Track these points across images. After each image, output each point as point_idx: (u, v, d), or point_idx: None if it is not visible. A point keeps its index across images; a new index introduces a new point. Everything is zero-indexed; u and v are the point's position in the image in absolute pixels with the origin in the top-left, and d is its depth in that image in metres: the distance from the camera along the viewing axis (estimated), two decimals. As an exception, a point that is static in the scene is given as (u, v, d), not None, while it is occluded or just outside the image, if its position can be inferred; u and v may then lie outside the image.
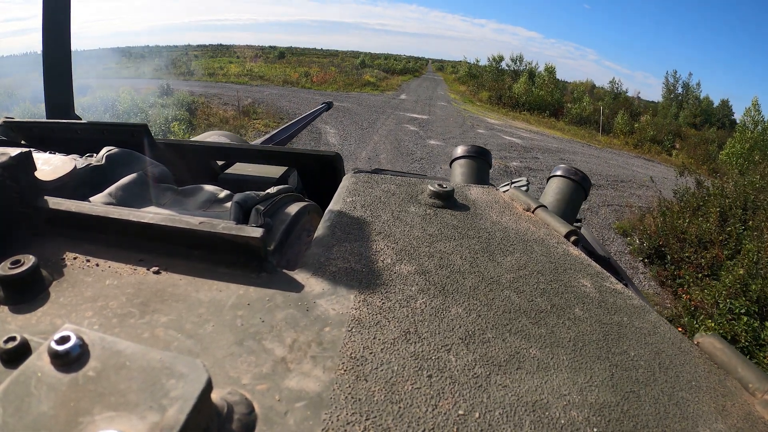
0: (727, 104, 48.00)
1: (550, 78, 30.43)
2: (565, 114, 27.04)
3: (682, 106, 46.77)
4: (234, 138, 2.26)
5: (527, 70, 34.84)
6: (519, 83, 30.07)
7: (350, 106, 19.48)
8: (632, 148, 21.62)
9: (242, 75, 28.74)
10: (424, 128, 16.17)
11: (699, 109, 43.41)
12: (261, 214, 0.80)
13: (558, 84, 31.70)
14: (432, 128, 16.48)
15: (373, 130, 14.71)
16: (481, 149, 1.63)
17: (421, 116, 19.25)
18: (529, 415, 0.52)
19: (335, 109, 13.20)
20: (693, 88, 48.40)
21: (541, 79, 29.96)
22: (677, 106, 47.45)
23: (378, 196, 1.02)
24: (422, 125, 16.82)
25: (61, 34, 1.70)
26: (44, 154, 0.94)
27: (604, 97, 34.22)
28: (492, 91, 31.23)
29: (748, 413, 0.58)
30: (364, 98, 23.75)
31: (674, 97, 52.26)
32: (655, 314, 0.74)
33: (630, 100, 43.09)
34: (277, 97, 20.33)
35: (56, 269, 0.67)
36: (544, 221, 1.02)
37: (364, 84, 31.00)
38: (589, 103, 27.94)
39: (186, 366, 0.39)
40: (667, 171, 14.55)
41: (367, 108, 19.78)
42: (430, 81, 48.83)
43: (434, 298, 0.70)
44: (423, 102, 25.66)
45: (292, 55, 64.15)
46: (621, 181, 11.98)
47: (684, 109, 44.01)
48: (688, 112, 41.54)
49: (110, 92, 13.36)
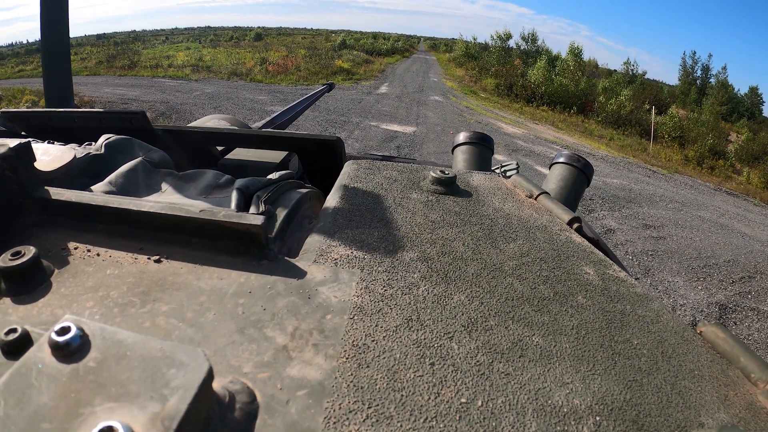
0: (756, 92, 41.82)
1: (577, 64, 23.41)
2: (596, 111, 20.79)
3: (704, 92, 40.49)
4: (234, 122, 2.19)
5: (545, 51, 27.82)
6: (536, 69, 23.25)
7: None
8: (696, 167, 15.92)
9: (187, 66, 23.35)
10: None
11: (726, 97, 37.13)
12: (262, 201, 0.81)
13: (583, 69, 24.52)
14: (420, 158, 9.12)
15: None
16: (483, 135, 1.64)
17: (404, 128, 12.08)
18: (531, 403, 0.52)
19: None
20: (719, 72, 41.98)
21: (565, 65, 23.11)
22: (697, 92, 41.14)
23: (380, 182, 1.02)
24: (404, 151, 9.92)
25: (59, 24, 1.74)
26: (43, 144, 0.94)
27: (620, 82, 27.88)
28: (499, 77, 24.27)
29: (751, 403, 0.58)
30: (325, 98, 15.34)
31: (692, 80, 45.85)
32: (658, 303, 0.73)
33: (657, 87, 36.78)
34: (207, 99, 14.64)
35: (57, 260, 0.67)
36: (547, 208, 1.01)
37: (336, 72, 23.59)
38: (629, 98, 21.53)
39: (187, 355, 0.40)
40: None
41: (321, 116, 12.46)
42: (421, 63, 40.07)
43: (436, 286, 0.69)
44: (410, 97, 17.99)
45: (276, 36, 56.88)
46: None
47: (708, 96, 37.71)
48: (714, 100, 35.28)
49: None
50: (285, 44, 40.11)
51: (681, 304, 5.40)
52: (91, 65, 23.76)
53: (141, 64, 24.05)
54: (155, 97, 14.57)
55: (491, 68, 27.03)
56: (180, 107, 12.99)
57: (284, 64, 24.26)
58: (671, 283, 5.90)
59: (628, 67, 39.96)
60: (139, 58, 25.63)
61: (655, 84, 42.42)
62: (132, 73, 21.78)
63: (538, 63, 24.25)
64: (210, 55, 27.74)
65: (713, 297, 5.64)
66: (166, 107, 12.95)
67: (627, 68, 39.58)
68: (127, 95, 14.77)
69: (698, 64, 44.49)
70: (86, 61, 24.78)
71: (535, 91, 22.09)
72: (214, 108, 13.16)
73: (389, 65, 32.88)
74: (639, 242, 7.03)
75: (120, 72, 22.00)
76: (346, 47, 38.96)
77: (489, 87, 24.17)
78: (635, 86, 30.10)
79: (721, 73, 40.82)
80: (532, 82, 22.46)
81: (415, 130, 12.04)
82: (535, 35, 31.83)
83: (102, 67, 23.02)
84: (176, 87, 17.20)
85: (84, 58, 26.18)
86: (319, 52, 33.14)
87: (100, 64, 24.00)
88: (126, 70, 22.54)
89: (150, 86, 17.26)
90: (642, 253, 6.65)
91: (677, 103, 31.10)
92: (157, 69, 22.67)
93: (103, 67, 23.21)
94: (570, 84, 22.13)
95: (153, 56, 27.50)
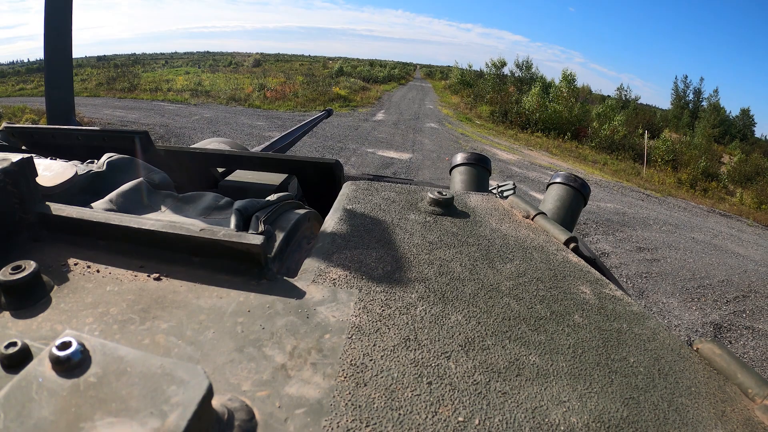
0: (748, 114, 42.46)
1: (570, 90, 23.63)
2: (590, 136, 21.03)
3: (696, 115, 41.09)
4: (233, 146, 2.23)
5: (539, 79, 28.12)
6: (530, 96, 23.38)
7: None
8: (689, 189, 16.06)
9: (186, 90, 23.53)
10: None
11: (718, 120, 37.67)
12: (261, 222, 0.81)
13: (577, 95, 24.89)
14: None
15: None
16: (481, 156, 1.65)
17: (400, 155, 12.34)
18: (528, 422, 0.52)
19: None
20: (711, 95, 42.66)
21: (558, 91, 23.31)
22: (689, 115, 41.71)
23: (378, 203, 1.04)
24: (401, 176, 10.01)
25: (62, 42, 1.76)
26: (45, 160, 0.95)
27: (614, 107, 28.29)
28: (494, 104, 24.40)
29: (748, 418, 0.58)
30: (322, 124, 14.78)
31: (684, 104, 46.57)
32: (655, 321, 0.74)
33: (650, 111, 37.29)
34: (206, 123, 14.90)
35: (57, 275, 0.68)
36: (544, 228, 1.02)
37: (333, 98, 23.85)
38: (622, 123, 21.79)
39: (187, 372, 0.40)
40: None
41: (318, 142, 12.79)
42: (417, 90, 40.67)
43: (434, 306, 0.70)
44: (406, 124, 18.35)
45: (274, 62, 57.71)
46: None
47: (700, 120, 38.25)
48: (706, 122, 35.78)
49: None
50: (283, 70, 40.93)
51: (676, 324, 5.40)
52: (91, 86, 24.02)
53: (141, 87, 24.28)
54: (154, 120, 14.68)
55: (486, 95, 27.20)
56: (179, 131, 13.14)
57: (282, 90, 24.57)
58: (666, 304, 5.90)
59: (622, 93, 40.53)
60: (138, 81, 25.86)
61: (648, 108, 43.06)
62: (132, 96, 21.89)
63: (532, 90, 24.37)
64: (209, 80, 27.98)
65: (708, 317, 5.64)
66: (165, 130, 13.11)
67: (620, 93, 40.14)
68: (126, 117, 14.88)
69: (690, 88, 45.16)
70: (86, 83, 25.04)
71: (530, 118, 22.14)
72: (212, 132, 13.28)
73: (386, 92, 33.34)
74: (633, 265, 7.06)
75: (120, 94, 22.15)
76: (343, 74, 39.50)
77: (484, 114, 24.38)
78: (628, 111, 30.54)
79: (713, 96, 41.50)
80: (527, 109, 22.53)
81: (411, 157, 12.19)
82: (529, 62, 32.32)
83: (102, 89, 23.22)
84: (175, 111, 17.34)
85: (84, 79, 26.43)
86: (317, 78, 33.77)
87: (100, 85, 24.22)
88: (126, 92, 22.70)
89: (149, 109, 17.38)
90: (636, 276, 6.69)
91: (670, 126, 31.47)
92: (157, 92, 22.86)
93: (103, 88, 23.40)
94: (564, 110, 22.23)
95: (153, 79, 27.79)
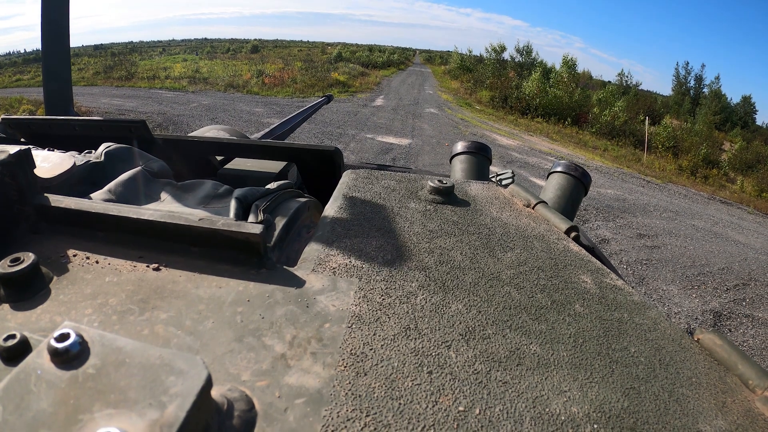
0: (749, 101, 42.17)
1: (571, 75, 23.36)
2: (590, 122, 20.88)
3: (698, 102, 40.81)
4: (233, 132, 2.19)
5: (540, 64, 27.78)
6: (530, 81, 23.12)
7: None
8: (690, 176, 16.02)
9: (184, 77, 23.39)
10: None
11: (719, 107, 37.42)
12: (261, 210, 0.81)
13: (578, 81, 24.54)
14: (417, 168, 9.87)
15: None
16: (481, 145, 1.64)
17: (400, 140, 12.18)
18: (529, 411, 0.52)
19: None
20: (713, 82, 42.32)
21: (559, 77, 23.03)
22: (691, 102, 41.44)
23: (378, 192, 1.03)
24: (400, 164, 10.00)
25: (59, 33, 1.75)
26: (43, 152, 0.94)
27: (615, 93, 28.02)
28: (494, 90, 24.19)
29: (748, 410, 0.58)
30: (321, 110, 15.27)
31: (685, 90, 46.20)
32: (656, 311, 0.74)
33: (651, 97, 36.98)
34: (204, 111, 14.67)
35: (56, 267, 0.67)
36: (545, 217, 1.02)
37: (332, 84, 23.52)
38: (622, 108, 21.65)
39: (186, 363, 0.40)
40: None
41: (317, 128, 12.55)
42: (417, 75, 40.03)
43: (434, 294, 0.70)
44: (405, 110, 18.13)
45: (273, 48, 56.52)
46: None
47: (702, 106, 38.00)
48: (707, 109, 35.55)
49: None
50: (281, 56, 40.46)
51: (676, 311, 5.42)
52: (88, 75, 23.81)
53: (138, 75, 24.05)
54: (152, 108, 14.55)
55: (486, 80, 27.07)
56: (177, 118, 13.02)
57: (281, 76, 24.31)
58: (666, 291, 5.93)
59: (623, 78, 40.19)
60: (136, 69, 25.60)
61: (649, 95, 42.76)
62: (129, 84, 21.71)
63: (532, 75, 24.19)
64: (207, 67, 27.73)
65: (708, 304, 5.67)
66: (163, 118, 12.97)
67: (621, 79, 39.80)
68: (124, 106, 14.76)
69: (691, 75, 44.74)
70: (83, 72, 24.81)
71: (530, 103, 21.99)
72: (211, 119, 13.16)
73: (385, 78, 33.01)
74: (633, 251, 7.07)
75: (117, 83, 21.98)
76: (342, 60, 38.86)
77: (484, 99, 24.21)
78: (629, 97, 30.31)
79: (714, 83, 41.16)
80: (527, 94, 22.36)
81: (411, 143, 12.08)
82: (529, 47, 32.01)
83: (99, 78, 23.02)
84: (173, 98, 17.17)
85: (81, 68, 26.21)
86: (315, 64, 33.37)
87: (98, 74, 24.02)
88: (123, 81, 22.50)
89: (147, 97, 17.25)
90: (636, 262, 6.68)
91: (671, 113, 31.32)
92: (154, 80, 22.65)
93: (100, 77, 23.20)
94: (564, 96, 22.03)
95: (150, 67, 27.50)
